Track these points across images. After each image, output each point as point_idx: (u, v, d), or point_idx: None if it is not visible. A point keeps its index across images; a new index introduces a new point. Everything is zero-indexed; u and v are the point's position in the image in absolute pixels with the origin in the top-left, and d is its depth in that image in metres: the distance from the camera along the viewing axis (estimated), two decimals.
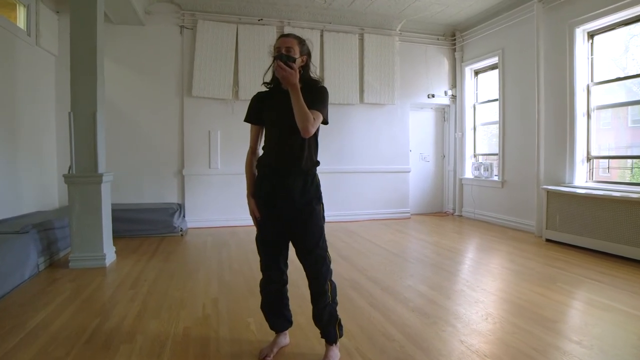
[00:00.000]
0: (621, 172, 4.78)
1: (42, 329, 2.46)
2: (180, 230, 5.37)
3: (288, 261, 2.12)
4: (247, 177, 2.11)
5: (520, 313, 2.71)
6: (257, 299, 2.95)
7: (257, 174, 2.07)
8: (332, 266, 2.06)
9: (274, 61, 1.90)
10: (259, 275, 2.14)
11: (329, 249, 2.07)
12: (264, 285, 2.12)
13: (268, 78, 2.10)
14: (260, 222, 2.05)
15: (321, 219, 2.03)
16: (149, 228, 5.25)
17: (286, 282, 2.14)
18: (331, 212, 5.58)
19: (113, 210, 4.95)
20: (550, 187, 4.93)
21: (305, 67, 2.02)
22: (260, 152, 2.09)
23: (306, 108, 1.84)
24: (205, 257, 4.27)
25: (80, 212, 3.81)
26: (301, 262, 2.03)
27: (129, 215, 5.21)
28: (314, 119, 1.85)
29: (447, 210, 7.32)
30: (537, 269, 3.77)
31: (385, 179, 6.74)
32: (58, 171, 5.39)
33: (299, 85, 1.83)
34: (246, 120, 2.10)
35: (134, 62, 5.74)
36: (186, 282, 3.43)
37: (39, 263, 3.70)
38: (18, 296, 3.07)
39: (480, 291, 3.18)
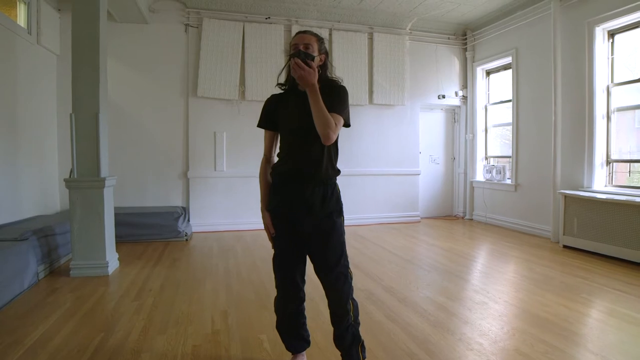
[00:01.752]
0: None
1: (41, 346, 2.31)
2: (185, 235, 5.22)
3: (305, 277, 1.95)
4: (261, 188, 1.95)
5: (548, 328, 2.55)
6: (269, 311, 2.82)
7: (272, 184, 1.90)
8: (353, 282, 1.90)
9: (289, 60, 1.73)
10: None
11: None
12: (279, 305, 1.96)
13: (282, 79, 1.94)
14: (275, 238, 1.88)
15: (342, 232, 1.87)
16: (153, 233, 5.10)
17: (303, 300, 1.97)
18: None
19: (116, 215, 4.81)
20: (567, 192, 4.76)
21: (324, 67, 1.86)
22: (276, 160, 1.93)
23: (326, 112, 1.68)
24: (212, 264, 4.11)
25: (81, 218, 3.65)
26: (320, 279, 1.87)
27: (133, 220, 5.06)
28: (335, 124, 1.69)
29: (457, 213, 7.15)
30: (559, 278, 3.60)
31: (394, 181, 6.57)
32: (60, 174, 5.23)
33: (317, 86, 1.67)
34: (260, 125, 1.94)
35: (137, 62, 5.58)
36: (193, 292, 3.27)
37: (38, 271, 3.55)
38: (17, 307, 2.92)
39: (503, 303, 3.02)
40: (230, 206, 5.81)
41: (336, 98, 1.78)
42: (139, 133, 5.61)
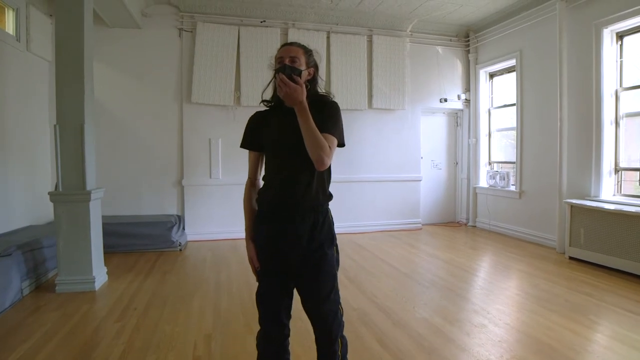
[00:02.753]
0: None
1: None
2: (179, 245, 5.09)
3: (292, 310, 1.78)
4: (245, 215, 1.77)
5: (552, 357, 2.38)
6: (254, 335, 2.68)
7: (257, 211, 1.74)
8: (344, 317, 1.74)
9: (275, 75, 1.57)
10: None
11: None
12: (262, 342, 1.79)
13: (268, 95, 1.76)
14: (260, 270, 1.71)
15: (334, 265, 1.68)
16: (146, 243, 4.99)
17: (288, 336, 1.80)
18: (338, 223, 5.25)
19: (109, 224, 4.73)
20: (574, 201, 4.57)
21: (312, 81, 1.69)
22: (262, 183, 1.76)
23: (318, 133, 1.51)
24: (203, 279, 3.98)
25: (67, 232, 3.54)
26: (307, 314, 1.70)
27: (126, 230, 4.96)
28: (329, 146, 1.53)
29: (460, 220, 6.96)
30: (564, 296, 3.42)
31: (395, 188, 6.41)
32: (52, 183, 5.13)
33: (306, 104, 1.50)
34: (243, 146, 1.76)
35: (130, 67, 5.46)
36: (179, 311, 3.14)
37: (23, 287, 3.44)
38: None
39: (504, 326, 2.85)
40: (226, 214, 5.68)
41: (328, 116, 1.62)
42: (132, 140, 5.50)
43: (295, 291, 1.74)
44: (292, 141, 1.57)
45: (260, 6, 5.65)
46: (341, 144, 1.65)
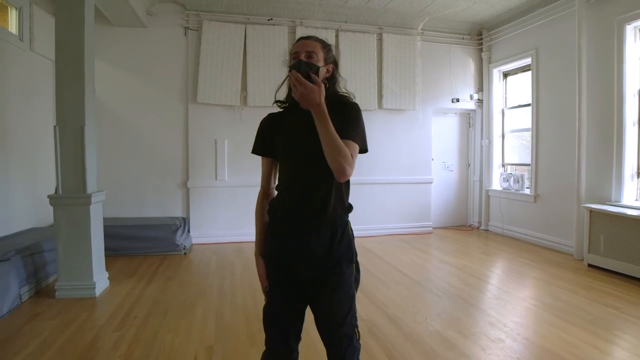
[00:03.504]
0: None
1: None
2: (184, 248, 4.98)
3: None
4: (256, 228, 1.59)
5: None
6: (257, 347, 2.55)
7: (268, 224, 1.56)
8: (360, 341, 1.53)
9: (289, 73, 1.39)
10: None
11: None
12: None
13: (282, 95, 1.58)
14: (269, 288, 1.54)
15: (352, 285, 1.51)
16: (150, 246, 4.88)
17: None
18: None
19: (111, 227, 4.64)
20: (593, 206, 4.36)
21: (332, 80, 1.52)
22: (275, 193, 1.59)
23: (339, 140, 1.34)
24: (207, 285, 3.86)
25: (67, 236, 3.44)
26: (320, 336, 1.52)
27: (129, 232, 4.86)
28: (351, 154, 1.36)
29: (472, 223, 6.76)
30: (585, 308, 3.23)
31: (405, 190, 6.23)
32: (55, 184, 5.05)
33: (324, 106, 1.33)
34: (254, 151, 1.59)
35: (135, 66, 5.37)
36: (180, 320, 3.02)
37: (22, 293, 3.35)
38: None
39: (522, 341, 2.68)
40: (232, 217, 5.56)
41: (349, 119, 1.44)
42: (136, 141, 5.40)
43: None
44: (308, 146, 1.41)
45: (267, 4, 5.52)
46: (363, 150, 1.49)
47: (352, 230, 1.57)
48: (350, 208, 1.56)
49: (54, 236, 3.94)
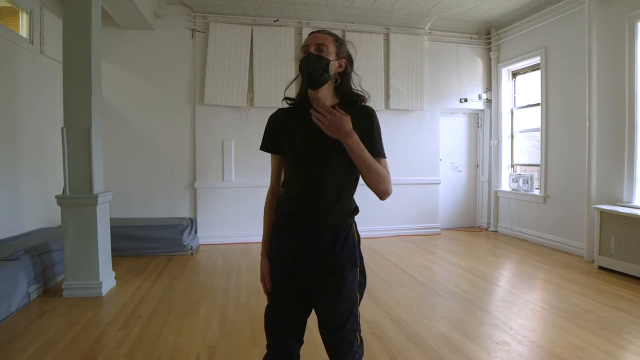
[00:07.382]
0: None
1: None
2: (191, 249, 5.01)
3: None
4: (264, 226, 1.57)
5: None
6: (260, 347, 2.55)
7: (275, 223, 1.54)
8: (364, 346, 1.52)
9: (300, 69, 1.39)
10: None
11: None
12: None
13: (292, 92, 1.56)
14: (272, 290, 1.52)
15: (355, 290, 1.47)
16: (157, 247, 4.92)
17: None
18: None
19: (119, 227, 4.69)
20: (604, 207, 4.28)
21: (345, 76, 1.48)
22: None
23: (377, 165, 1.36)
24: (212, 285, 3.87)
25: (74, 236, 3.48)
26: (323, 339, 1.50)
27: (137, 233, 4.90)
28: (387, 171, 1.37)
29: (480, 225, 6.68)
30: (595, 312, 3.16)
31: (413, 191, 6.18)
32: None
33: (354, 134, 1.33)
34: (263, 148, 1.55)
35: (143, 69, 5.42)
36: (184, 320, 3.03)
37: (30, 292, 3.39)
38: None
39: (528, 344, 2.63)
40: (239, 218, 5.58)
41: (373, 133, 1.44)
42: (144, 142, 5.45)
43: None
44: (315, 146, 1.39)
45: (273, 5, 5.53)
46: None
47: (358, 233, 1.54)
48: (356, 210, 1.53)
49: (62, 236, 4.01)
